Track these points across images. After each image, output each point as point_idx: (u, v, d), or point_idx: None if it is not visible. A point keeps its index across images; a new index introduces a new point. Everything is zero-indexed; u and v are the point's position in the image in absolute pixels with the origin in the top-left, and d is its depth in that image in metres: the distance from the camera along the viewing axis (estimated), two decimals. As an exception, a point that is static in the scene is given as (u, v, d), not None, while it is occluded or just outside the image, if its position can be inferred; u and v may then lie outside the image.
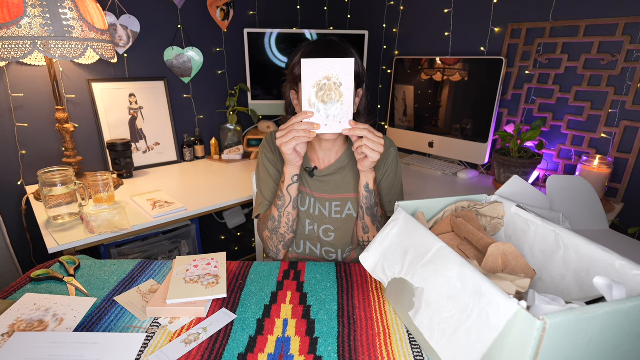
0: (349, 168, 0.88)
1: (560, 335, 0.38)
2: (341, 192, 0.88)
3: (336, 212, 0.89)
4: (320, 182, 0.88)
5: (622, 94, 1.19)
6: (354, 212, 0.88)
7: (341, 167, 0.88)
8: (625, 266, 0.48)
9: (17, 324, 0.61)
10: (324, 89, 0.68)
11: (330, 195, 0.88)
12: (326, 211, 0.89)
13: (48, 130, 1.37)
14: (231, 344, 0.58)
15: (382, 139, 0.72)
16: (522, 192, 0.72)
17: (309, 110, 0.69)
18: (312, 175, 0.87)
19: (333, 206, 0.88)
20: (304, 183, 0.89)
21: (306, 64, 0.67)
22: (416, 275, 0.55)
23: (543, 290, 0.60)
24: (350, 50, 0.79)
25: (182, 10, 1.59)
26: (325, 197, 0.88)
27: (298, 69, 0.77)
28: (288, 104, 0.86)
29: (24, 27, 0.98)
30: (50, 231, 1.01)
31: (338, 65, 0.67)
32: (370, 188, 0.80)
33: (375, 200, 0.82)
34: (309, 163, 0.89)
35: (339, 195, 0.88)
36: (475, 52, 1.51)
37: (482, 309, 0.43)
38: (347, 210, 0.88)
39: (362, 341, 0.58)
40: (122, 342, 0.57)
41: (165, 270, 0.78)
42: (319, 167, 0.88)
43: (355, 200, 0.88)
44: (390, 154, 0.89)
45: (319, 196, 0.88)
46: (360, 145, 0.72)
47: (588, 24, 1.21)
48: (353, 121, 0.70)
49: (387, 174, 0.89)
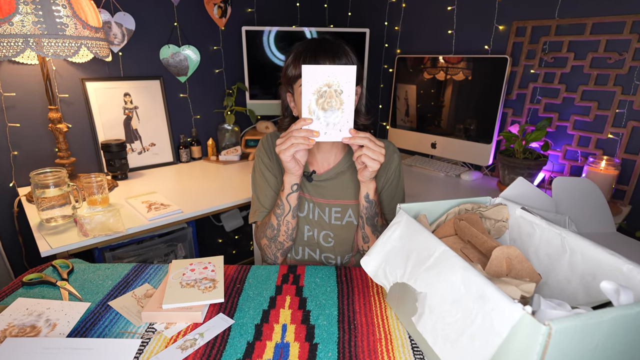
0: (349, 173, 0.86)
1: (566, 341, 0.37)
2: (341, 198, 0.87)
3: (336, 219, 0.87)
4: (319, 187, 0.86)
5: (630, 94, 1.18)
6: (354, 220, 0.87)
7: (340, 172, 0.86)
8: (633, 270, 0.48)
9: (9, 330, 0.60)
10: (324, 96, 0.67)
11: (330, 200, 0.87)
12: (326, 217, 0.87)
13: (41, 130, 1.36)
14: (228, 350, 0.57)
15: (383, 148, 0.71)
16: (527, 194, 0.71)
17: (309, 117, 0.68)
18: (310, 180, 0.86)
19: (333, 212, 0.87)
20: (303, 188, 0.87)
21: (306, 70, 0.66)
22: (419, 279, 0.54)
23: (548, 294, 0.59)
24: (344, 49, 0.77)
25: (178, 8, 1.57)
26: (325, 203, 0.87)
27: (291, 70, 0.76)
28: (285, 105, 0.85)
29: (16, 24, 0.96)
30: (43, 234, 1.00)
31: (339, 72, 0.66)
32: (371, 198, 0.79)
33: (376, 210, 0.81)
34: (307, 167, 0.87)
35: (339, 201, 0.87)
36: (479, 51, 1.50)
37: (486, 314, 0.43)
38: (348, 217, 0.87)
39: (363, 347, 0.58)
40: (117, 348, 0.57)
41: (161, 274, 0.77)
42: (317, 171, 0.87)
43: (355, 207, 0.86)
44: (392, 160, 0.88)
45: (319, 201, 0.87)
46: (360, 154, 0.70)
47: (595, 22, 1.20)
48: (354, 129, 0.69)
49: (389, 182, 0.88)
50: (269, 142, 0.90)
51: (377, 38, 1.85)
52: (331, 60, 0.73)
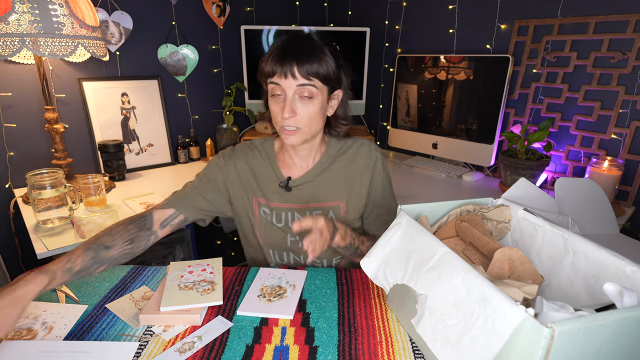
0: (327, 174, 0.83)
1: (569, 344, 0.37)
2: (321, 200, 0.83)
3: None
4: (298, 191, 0.83)
5: (633, 94, 1.17)
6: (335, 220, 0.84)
7: (318, 173, 0.83)
8: (637, 272, 0.47)
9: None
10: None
11: (310, 204, 0.83)
12: None
13: (37, 130, 1.35)
14: (227, 353, 0.56)
15: (327, 240, 0.67)
16: (530, 195, 0.71)
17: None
18: (289, 189, 0.82)
19: (314, 215, 0.84)
20: (278, 198, 0.83)
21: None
22: (419, 281, 0.54)
23: (551, 297, 0.59)
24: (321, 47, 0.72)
25: (176, 7, 1.56)
26: (305, 207, 0.83)
27: (265, 64, 0.73)
28: (266, 98, 0.81)
29: (12, 23, 0.95)
30: (40, 236, 0.99)
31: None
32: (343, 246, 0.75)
33: (356, 247, 0.78)
34: (281, 175, 0.83)
35: (319, 203, 0.83)
36: (480, 50, 1.50)
37: (487, 316, 0.42)
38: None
39: (363, 350, 0.57)
40: (114, 351, 0.56)
41: (159, 276, 0.77)
42: (294, 175, 0.83)
43: (337, 208, 0.84)
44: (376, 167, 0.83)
45: (298, 207, 0.83)
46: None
47: (598, 21, 1.20)
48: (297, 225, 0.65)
49: (374, 205, 0.84)
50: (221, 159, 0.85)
51: (378, 37, 1.84)
52: (298, 63, 0.70)
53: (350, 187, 0.84)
